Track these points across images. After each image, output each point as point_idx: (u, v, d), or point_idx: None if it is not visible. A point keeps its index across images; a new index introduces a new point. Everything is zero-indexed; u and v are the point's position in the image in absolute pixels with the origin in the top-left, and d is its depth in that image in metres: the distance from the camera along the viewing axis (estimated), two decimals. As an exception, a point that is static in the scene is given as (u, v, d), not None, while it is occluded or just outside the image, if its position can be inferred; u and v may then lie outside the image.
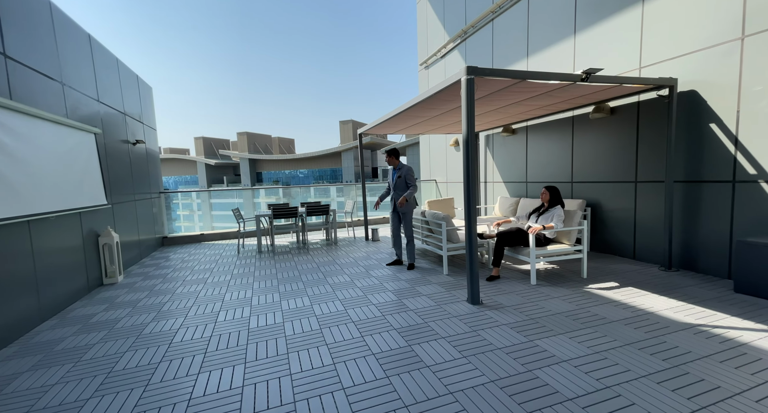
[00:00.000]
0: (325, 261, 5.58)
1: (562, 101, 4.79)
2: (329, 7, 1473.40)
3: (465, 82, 3.23)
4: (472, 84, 3.23)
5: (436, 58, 9.63)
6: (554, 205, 4.26)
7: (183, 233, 8.23)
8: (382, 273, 4.70)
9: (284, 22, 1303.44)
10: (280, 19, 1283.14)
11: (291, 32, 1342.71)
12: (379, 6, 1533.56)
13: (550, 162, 6.18)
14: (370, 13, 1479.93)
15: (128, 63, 6.11)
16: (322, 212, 6.79)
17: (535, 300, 3.50)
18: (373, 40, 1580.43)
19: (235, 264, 5.61)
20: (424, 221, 5.02)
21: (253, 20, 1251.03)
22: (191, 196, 26.95)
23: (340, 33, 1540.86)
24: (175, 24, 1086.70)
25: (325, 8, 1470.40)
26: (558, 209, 4.18)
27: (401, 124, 6.27)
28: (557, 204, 4.25)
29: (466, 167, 3.34)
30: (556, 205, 4.25)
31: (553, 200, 4.28)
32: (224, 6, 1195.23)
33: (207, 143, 57.77)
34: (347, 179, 48.27)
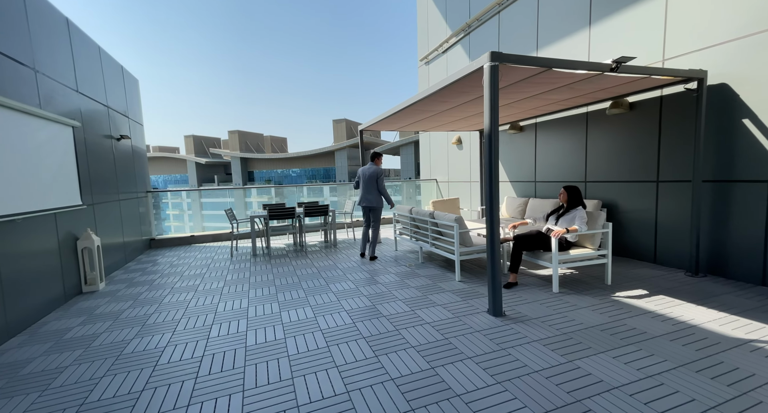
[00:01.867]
0: (326, 265, 5.21)
1: (580, 95, 4.50)
2: (324, 4, 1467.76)
3: (488, 69, 2.91)
4: (497, 72, 2.90)
5: (437, 53, 9.31)
6: (575, 206, 3.96)
7: (172, 235, 7.77)
8: (389, 279, 4.36)
9: (278, 20, 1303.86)
10: (274, 16, 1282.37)
11: (284, 30, 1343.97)
12: (375, 4, 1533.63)
13: (561, 161, 5.90)
14: (365, 11, 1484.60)
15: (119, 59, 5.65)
16: (321, 213, 6.42)
17: (562, 310, 3.19)
18: (368, 38, 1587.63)
19: (229, 269, 5.21)
20: (433, 223, 4.68)
21: (245, 17, 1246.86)
22: (181, 195, 26.21)
23: (335, 31, 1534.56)
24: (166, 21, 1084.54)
25: (320, 6, 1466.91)
26: (580, 211, 3.88)
27: (404, 120, 5.93)
28: (578, 205, 3.96)
29: (489, 164, 3.01)
30: (577, 205, 3.95)
31: (574, 201, 3.98)
32: (214, 3, 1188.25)
33: (197, 141, 56.71)
34: (341, 178, 47.81)
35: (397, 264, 5.11)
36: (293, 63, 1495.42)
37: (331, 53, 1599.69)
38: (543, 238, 3.86)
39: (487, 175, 3.02)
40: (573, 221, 3.84)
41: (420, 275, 4.50)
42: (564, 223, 3.91)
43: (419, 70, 10.29)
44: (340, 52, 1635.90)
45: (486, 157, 3.02)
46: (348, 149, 46.38)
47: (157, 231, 7.68)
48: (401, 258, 5.43)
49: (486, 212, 3.09)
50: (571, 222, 3.84)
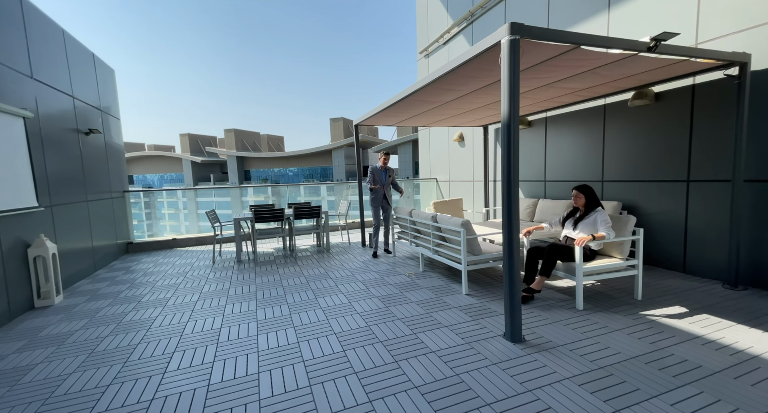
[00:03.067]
0: (316, 274, 4.68)
1: (602, 84, 3.99)
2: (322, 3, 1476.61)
3: (508, 44, 2.39)
4: (517, 47, 2.38)
5: (437, 45, 8.78)
6: (593, 207, 3.46)
7: (152, 238, 7.21)
8: (387, 292, 3.84)
9: (275, 18, 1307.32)
10: (272, 15, 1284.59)
11: (282, 29, 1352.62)
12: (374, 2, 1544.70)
13: (574, 158, 5.39)
14: (363, 8, 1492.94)
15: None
16: (313, 215, 5.88)
17: (592, 334, 2.68)
18: (367, 36, 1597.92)
19: (208, 279, 4.67)
20: (435, 227, 4.17)
21: (243, 16, 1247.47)
22: (177, 194, 25.54)
23: (332, 29, 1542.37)
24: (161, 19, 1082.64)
25: (318, 4, 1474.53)
26: (602, 213, 3.37)
27: (403, 113, 5.41)
28: (597, 206, 3.45)
29: (507, 160, 2.49)
30: (596, 207, 3.45)
31: (592, 202, 3.48)
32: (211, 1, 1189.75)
33: (193, 140, 56.00)
34: (338, 178, 47.29)
35: (396, 272, 4.59)
36: (290, 61, 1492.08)
37: (329, 51, 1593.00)
38: (562, 248, 3.35)
39: (506, 172, 2.50)
40: (596, 226, 3.33)
41: (421, 286, 3.98)
42: (586, 229, 3.40)
43: (419, 63, 9.76)
44: (338, 49, 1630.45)
45: (504, 150, 2.50)
46: (345, 148, 45.84)
47: (149, 232, 7.13)
48: (400, 265, 4.90)
49: (503, 217, 2.57)
50: (593, 228, 3.34)
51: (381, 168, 5.59)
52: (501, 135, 2.50)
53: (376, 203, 5.64)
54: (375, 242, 5.62)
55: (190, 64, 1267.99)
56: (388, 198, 5.65)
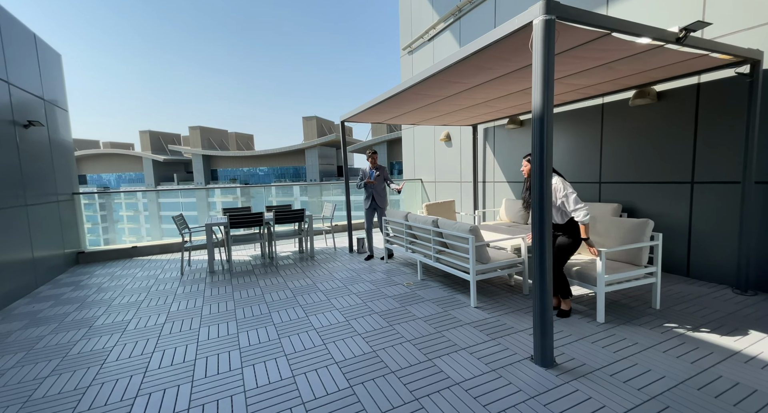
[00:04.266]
0: (303, 286, 4.20)
1: (608, 81, 3.80)
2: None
3: (542, 24, 2.06)
4: (553, 28, 2.06)
5: (422, 41, 8.48)
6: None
7: (109, 246, 6.38)
8: (386, 306, 3.44)
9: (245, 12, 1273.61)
10: (240, 8, 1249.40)
11: (251, 22, 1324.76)
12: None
13: (569, 158, 5.24)
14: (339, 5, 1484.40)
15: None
16: (296, 219, 5.37)
17: (625, 352, 2.42)
18: (343, 32, 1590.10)
19: (176, 294, 4.06)
20: (437, 233, 3.82)
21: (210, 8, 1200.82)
22: (136, 195, 23.75)
23: (306, 24, 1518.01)
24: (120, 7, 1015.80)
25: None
26: (560, 185, 2.81)
27: (394, 110, 5.03)
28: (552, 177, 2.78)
29: (540, 158, 2.17)
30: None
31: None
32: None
33: (155, 137, 52.80)
34: (311, 178, 46.26)
35: (392, 281, 4.19)
36: (260, 56, 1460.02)
37: (301, 46, 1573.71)
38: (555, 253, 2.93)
39: (537, 172, 2.18)
40: (565, 206, 2.84)
41: (423, 298, 3.61)
42: (559, 210, 2.93)
43: (401, 60, 9.42)
44: (311, 45, 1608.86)
45: (537, 147, 2.18)
46: (319, 147, 44.90)
47: (105, 239, 6.28)
48: (395, 273, 4.52)
49: (534, 223, 2.25)
50: (562, 209, 2.88)
51: (370, 168, 5.33)
52: (533, 129, 2.18)
53: (367, 204, 5.36)
54: (369, 246, 5.48)
55: (151, 58, 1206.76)
56: (377, 199, 5.32)
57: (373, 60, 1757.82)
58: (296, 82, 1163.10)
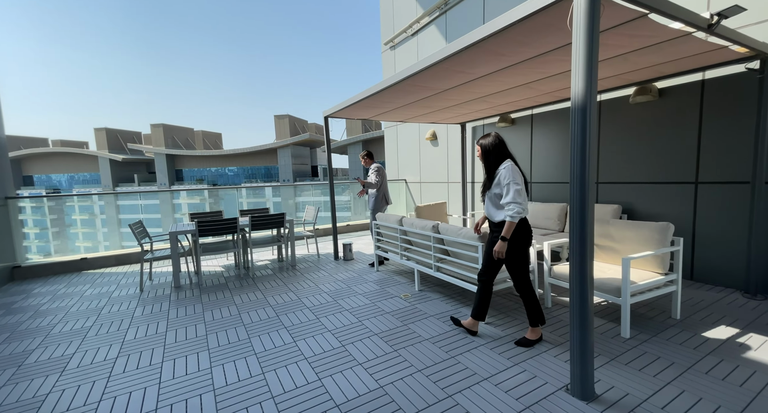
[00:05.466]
0: (286, 302, 3.70)
1: (615, 76, 3.59)
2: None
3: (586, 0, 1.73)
4: (599, 2, 1.74)
5: (405, 35, 8.12)
6: (498, 163, 2.51)
7: (52, 258, 5.54)
8: (386, 325, 3.02)
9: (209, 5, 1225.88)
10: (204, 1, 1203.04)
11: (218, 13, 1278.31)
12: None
13: (564, 158, 5.05)
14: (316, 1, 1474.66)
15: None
16: (275, 224, 4.83)
17: (667, 376, 2.14)
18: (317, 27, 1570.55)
19: (133, 318, 3.44)
20: (437, 240, 3.45)
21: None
22: (92, 198, 22.07)
23: (277, 17, 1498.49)
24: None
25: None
26: (506, 171, 2.42)
27: (383, 105, 4.63)
28: (503, 159, 2.51)
29: (581, 156, 1.84)
30: (503, 160, 2.50)
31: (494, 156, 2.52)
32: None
33: (112, 135, 49.38)
34: (284, 178, 44.94)
35: (387, 294, 3.78)
36: (227, 50, 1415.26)
37: (273, 42, 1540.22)
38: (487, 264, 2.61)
39: (578, 172, 1.85)
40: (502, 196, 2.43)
41: (426, 313, 3.23)
42: (490, 203, 2.55)
43: (383, 56, 9.02)
44: (284, 41, 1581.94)
45: (578, 143, 1.85)
46: (292, 147, 43.70)
47: (56, 248, 5.42)
48: (388, 283, 4.11)
49: (573, 232, 1.91)
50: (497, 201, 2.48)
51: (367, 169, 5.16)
52: (573, 121, 1.84)
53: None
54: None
55: (107, 52, 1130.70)
56: (368, 200, 5.14)
57: (351, 56, 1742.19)
58: (267, 78, 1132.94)
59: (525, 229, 2.48)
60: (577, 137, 1.84)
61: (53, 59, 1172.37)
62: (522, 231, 2.46)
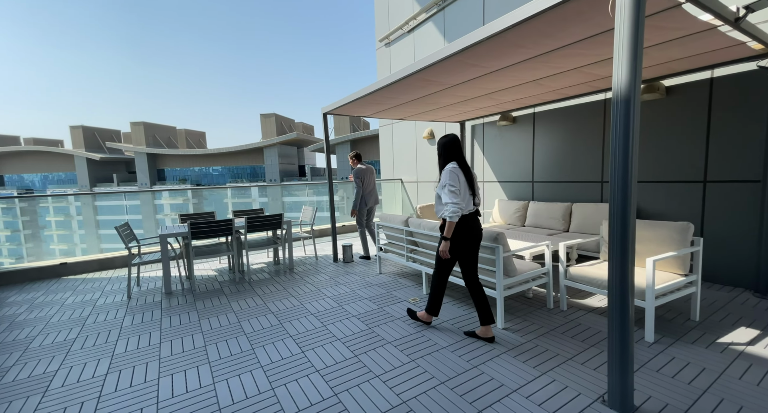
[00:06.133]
0: (288, 308, 3.49)
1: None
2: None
3: (633, -20, 1.61)
4: (646, -15, 1.62)
5: (401, 32, 7.97)
6: (444, 165, 2.63)
7: (28, 264, 5.16)
8: (397, 333, 2.86)
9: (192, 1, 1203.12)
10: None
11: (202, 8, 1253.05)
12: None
13: (567, 157, 5.00)
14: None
15: None
16: (272, 226, 4.61)
17: (702, 383, 2.05)
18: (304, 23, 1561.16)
19: (122, 328, 3.18)
20: (448, 241, 3.30)
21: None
22: (68, 199, 21.43)
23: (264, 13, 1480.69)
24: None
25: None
26: (447, 176, 2.51)
27: (386, 101, 4.46)
28: (450, 160, 2.61)
29: (624, 151, 1.73)
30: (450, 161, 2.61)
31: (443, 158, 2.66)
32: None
33: (89, 134, 47.62)
34: (271, 178, 44.28)
35: (393, 298, 3.62)
36: (213, 47, 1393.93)
37: (259, 39, 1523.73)
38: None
39: (621, 168, 1.74)
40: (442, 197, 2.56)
41: (438, 318, 3.08)
42: (437, 204, 2.64)
43: (378, 53, 8.85)
44: (270, 38, 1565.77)
45: (620, 137, 1.73)
46: (279, 146, 43.05)
47: (29, 253, 5.02)
48: (393, 286, 3.95)
49: (612, 233, 1.80)
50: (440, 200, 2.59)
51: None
52: (615, 114, 1.73)
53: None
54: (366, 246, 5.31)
55: (84, 46, 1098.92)
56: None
57: (341, 54, 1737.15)
58: (253, 76, 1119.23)
59: (468, 228, 2.55)
60: (619, 132, 1.72)
61: (24, 54, 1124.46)
62: (464, 230, 2.54)
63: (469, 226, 2.54)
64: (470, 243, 2.57)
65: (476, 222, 2.58)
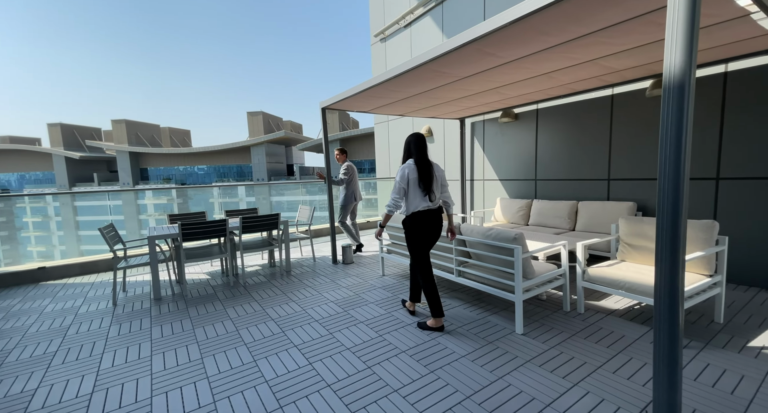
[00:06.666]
0: (289, 314, 3.26)
1: (643, 65, 3.41)
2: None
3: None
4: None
5: (397, 27, 7.77)
6: (404, 160, 2.94)
7: (6, 268, 4.78)
8: (411, 340, 2.67)
9: None
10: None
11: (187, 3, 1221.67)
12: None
13: (571, 154, 4.90)
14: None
15: None
16: (269, 226, 4.36)
17: (745, 393, 1.93)
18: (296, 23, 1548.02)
19: (108, 339, 2.90)
20: (460, 241, 3.13)
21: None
22: (45, 199, 20.82)
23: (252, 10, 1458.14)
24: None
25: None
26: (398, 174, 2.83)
27: (389, 94, 4.26)
28: (408, 158, 2.89)
29: (677, 144, 1.57)
30: (406, 160, 2.93)
31: (403, 154, 2.98)
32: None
33: (68, 131, 45.98)
34: (258, 177, 43.53)
35: (395, 297, 3.43)
36: (200, 45, 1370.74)
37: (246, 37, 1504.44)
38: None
39: (673, 167, 1.57)
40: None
41: (451, 323, 2.90)
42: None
43: (372, 48, 8.64)
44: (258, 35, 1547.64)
45: (673, 129, 1.57)
46: (267, 145, 42.34)
47: (4, 251, 4.67)
48: (398, 289, 3.76)
49: (661, 235, 1.64)
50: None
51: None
52: (666, 103, 1.57)
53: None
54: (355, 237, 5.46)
55: (63, 43, 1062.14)
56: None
57: (331, 52, 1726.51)
58: (240, 73, 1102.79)
59: (417, 222, 2.74)
60: (671, 122, 1.56)
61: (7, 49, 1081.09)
62: (414, 225, 2.75)
63: (418, 221, 2.71)
64: (413, 234, 2.75)
65: (428, 218, 2.72)
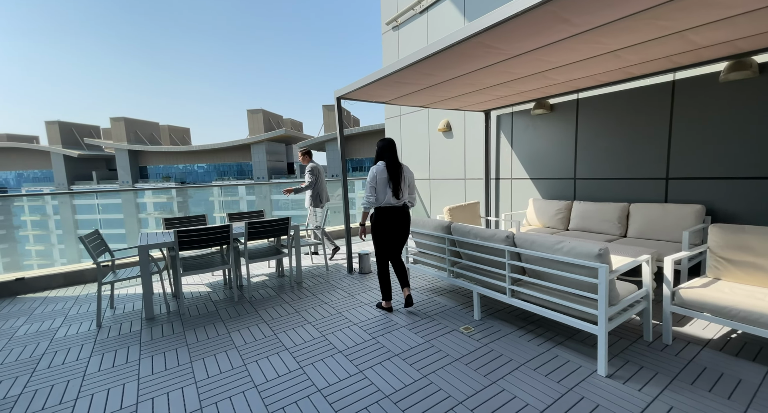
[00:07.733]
0: (306, 342, 2.70)
1: (691, 51, 2.85)
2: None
3: None
4: None
5: (412, 13, 7.18)
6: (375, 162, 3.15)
7: (-25, 280, 4.22)
8: (465, 383, 2.11)
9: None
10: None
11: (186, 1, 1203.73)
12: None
13: (619, 149, 4.32)
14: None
15: None
16: (278, 232, 3.80)
17: None
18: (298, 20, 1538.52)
19: (86, 375, 2.34)
20: (513, 254, 2.57)
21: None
22: (44, 198, 20.09)
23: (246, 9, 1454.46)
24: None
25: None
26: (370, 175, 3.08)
27: (407, 84, 3.73)
28: (378, 160, 3.14)
29: None
30: (377, 161, 3.16)
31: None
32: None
33: (66, 129, 45.39)
34: (259, 175, 42.98)
35: (437, 324, 2.87)
36: (200, 43, 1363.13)
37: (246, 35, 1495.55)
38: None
39: None
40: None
41: (510, 359, 2.34)
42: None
43: (384, 37, 8.04)
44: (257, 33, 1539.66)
45: None
46: (267, 143, 41.77)
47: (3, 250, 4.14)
48: (431, 308, 3.20)
49: None
50: None
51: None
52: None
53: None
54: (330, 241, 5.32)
55: (62, 39, 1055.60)
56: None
57: (333, 49, 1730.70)
58: (240, 71, 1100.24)
59: (380, 217, 3.06)
60: None
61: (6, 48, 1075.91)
62: (378, 219, 3.07)
63: (381, 216, 3.04)
64: (377, 231, 3.08)
65: (392, 214, 3.03)
